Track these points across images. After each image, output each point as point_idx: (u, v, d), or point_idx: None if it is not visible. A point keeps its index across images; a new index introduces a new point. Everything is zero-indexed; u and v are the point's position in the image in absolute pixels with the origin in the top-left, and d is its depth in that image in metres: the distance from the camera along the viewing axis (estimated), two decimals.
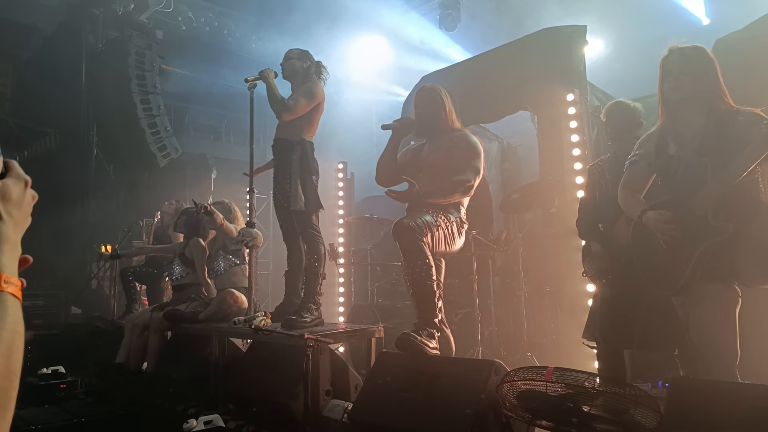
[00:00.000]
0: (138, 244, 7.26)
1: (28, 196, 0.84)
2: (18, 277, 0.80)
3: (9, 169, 0.84)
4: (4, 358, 0.70)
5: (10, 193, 0.81)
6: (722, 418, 1.79)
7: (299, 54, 3.87)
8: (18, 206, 0.82)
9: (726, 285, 2.19)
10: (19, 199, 0.82)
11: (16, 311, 0.76)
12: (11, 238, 0.79)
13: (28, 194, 0.85)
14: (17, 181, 0.83)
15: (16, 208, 0.81)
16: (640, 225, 2.41)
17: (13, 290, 0.77)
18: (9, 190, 0.81)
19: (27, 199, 0.84)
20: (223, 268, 4.41)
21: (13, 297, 0.76)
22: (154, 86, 7.93)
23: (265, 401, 3.17)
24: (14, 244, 0.80)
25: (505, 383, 2.17)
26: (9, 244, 0.79)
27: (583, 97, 4.59)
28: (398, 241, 2.90)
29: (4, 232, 0.79)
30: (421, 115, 3.33)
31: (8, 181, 0.82)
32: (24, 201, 0.83)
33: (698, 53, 2.34)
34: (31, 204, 0.85)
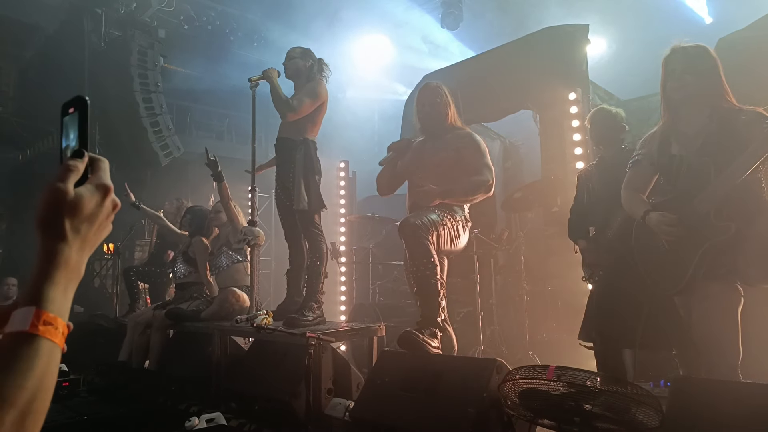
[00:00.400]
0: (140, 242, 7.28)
1: (106, 209, 0.71)
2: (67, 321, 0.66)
3: (94, 171, 0.71)
4: (14, 427, 0.57)
5: (83, 206, 0.68)
6: (724, 417, 1.79)
7: (302, 53, 3.88)
8: (90, 222, 0.68)
9: (728, 284, 2.19)
10: (93, 213, 0.69)
11: (50, 361, 0.62)
12: (71, 261, 0.66)
13: (106, 206, 0.71)
14: (95, 190, 0.70)
15: (86, 224, 0.68)
16: (642, 225, 2.40)
17: (52, 335, 0.62)
18: (82, 202, 0.67)
19: (104, 212, 0.70)
20: (226, 265, 4.42)
21: (50, 343, 0.62)
22: (156, 85, 7.94)
23: (267, 399, 3.17)
24: (74, 268, 0.67)
25: (506, 382, 2.17)
26: (66, 270, 0.66)
27: (585, 96, 4.59)
28: (404, 240, 2.90)
29: (64, 254, 0.65)
30: (423, 112, 3.33)
31: (84, 190, 0.68)
32: (99, 215, 0.70)
33: (701, 52, 2.33)
34: (111, 215, 0.72)
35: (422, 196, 3.09)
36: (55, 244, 0.66)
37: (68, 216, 0.66)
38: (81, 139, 0.73)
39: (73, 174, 0.69)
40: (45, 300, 0.63)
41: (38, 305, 0.63)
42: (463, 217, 3.19)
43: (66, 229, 0.66)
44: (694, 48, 2.34)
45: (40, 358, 0.62)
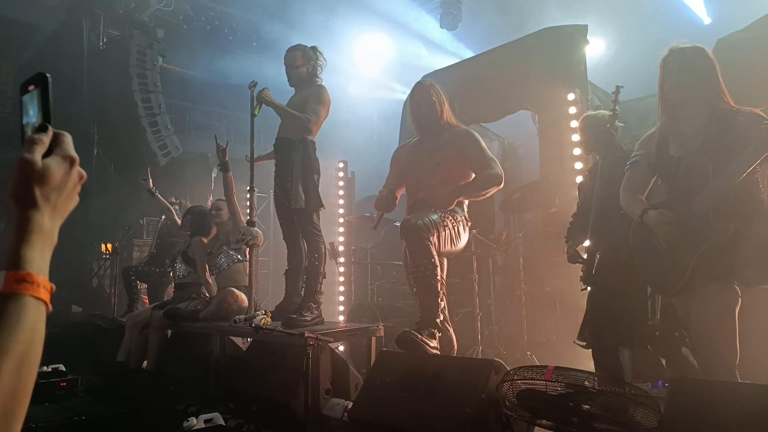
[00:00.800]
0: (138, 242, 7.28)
1: (72, 178, 0.75)
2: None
3: (58, 144, 0.75)
4: (11, 374, 0.61)
5: (51, 176, 0.71)
6: (722, 417, 1.79)
7: (303, 57, 3.84)
8: (59, 190, 0.72)
9: (726, 285, 2.19)
10: (61, 182, 0.73)
11: (37, 317, 0.67)
12: (45, 227, 0.70)
13: (73, 176, 0.75)
14: (62, 161, 0.74)
15: (56, 193, 0.72)
16: (640, 226, 2.40)
17: (35, 292, 0.67)
18: (50, 172, 0.71)
19: (71, 181, 0.75)
20: (226, 264, 4.42)
21: (35, 301, 0.67)
22: (155, 85, 7.94)
23: (265, 400, 3.17)
24: (48, 234, 0.71)
25: (505, 382, 2.17)
26: (41, 235, 0.70)
27: (584, 96, 4.59)
28: (405, 240, 2.90)
29: (37, 221, 0.69)
30: (419, 110, 3.34)
31: (51, 161, 0.72)
32: (67, 184, 0.74)
33: (699, 53, 2.34)
34: (78, 185, 0.76)
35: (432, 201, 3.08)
36: (28, 212, 0.70)
37: (38, 185, 0.70)
38: (44, 114, 0.76)
39: (38, 146, 0.72)
40: (24, 261, 0.68)
41: (18, 267, 0.67)
42: (463, 217, 3.19)
43: (37, 197, 0.70)
44: (691, 49, 2.35)
45: (28, 313, 0.66)
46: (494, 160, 3.20)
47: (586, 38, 4.84)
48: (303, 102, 3.79)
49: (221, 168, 4.46)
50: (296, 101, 3.86)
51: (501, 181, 3.14)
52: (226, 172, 4.41)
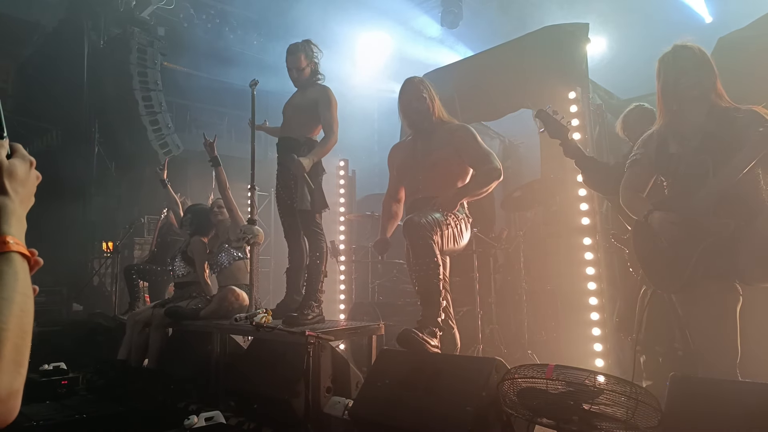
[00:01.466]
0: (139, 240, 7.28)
1: (32, 176, 0.88)
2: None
3: (14, 151, 0.88)
4: (17, 317, 0.73)
5: (17, 172, 0.85)
6: (723, 416, 1.79)
7: (306, 59, 3.80)
8: (23, 184, 0.85)
9: (726, 283, 2.19)
10: (24, 178, 0.86)
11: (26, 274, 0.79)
12: (17, 211, 0.83)
13: (32, 174, 0.88)
14: (23, 161, 0.87)
15: (21, 186, 0.85)
16: (641, 224, 2.40)
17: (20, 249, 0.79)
18: (15, 168, 0.85)
19: (31, 178, 0.88)
20: (227, 262, 4.42)
21: (22, 259, 0.79)
22: (155, 83, 7.94)
23: (266, 398, 3.17)
24: (20, 218, 0.83)
25: (505, 381, 2.17)
26: (15, 217, 0.82)
27: (585, 95, 4.58)
28: (408, 238, 2.90)
29: (11, 206, 0.82)
30: (410, 107, 3.31)
31: (15, 160, 0.86)
32: (29, 180, 0.87)
33: (703, 52, 2.35)
34: (35, 183, 0.89)
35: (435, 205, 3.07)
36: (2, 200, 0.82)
37: (7, 178, 0.83)
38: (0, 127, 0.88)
39: (2, 149, 0.86)
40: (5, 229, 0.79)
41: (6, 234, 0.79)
42: (465, 215, 3.19)
43: (8, 188, 0.83)
44: (696, 48, 2.35)
45: (18, 267, 0.78)
46: (491, 153, 3.18)
47: (587, 36, 4.83)
48: (311, 105, 3.77)
49: (211, 163, 4.48)
50: (302, 103, 3.83)
51: (500, 175, 3.12)
52: (217, 166, 4.44)
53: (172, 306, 4.29)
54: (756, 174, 2.23)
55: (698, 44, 2.40)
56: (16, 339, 0.72)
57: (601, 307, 4.02)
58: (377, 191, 7.75)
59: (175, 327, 4.36)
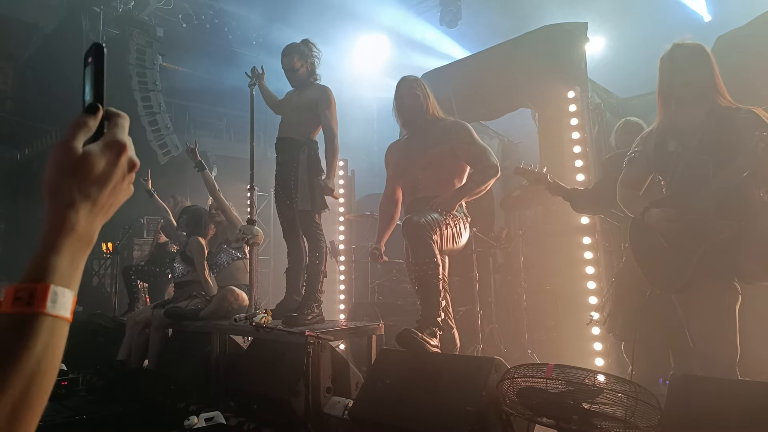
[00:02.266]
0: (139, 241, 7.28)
1: (120, 169, 0.63)
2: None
3: (111, 127, 0.63)
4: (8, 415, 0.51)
5: (92, 167, 0.60)
6: (722, 415, 1.80)
7: (300, 59, 3.79)
8: (101, 184, 0.61)
9: (726, 283, 2.19)
10: (104, 174, 0.61)
11: (53, 337, 0.55)
12: (79, 228, 0.59)
13: (120, 166, 0.63)
14: (107, 149, 0.62)
15: (96, 187, 0.60)
16: (638, 223, 2.40)
17: (59, 310, 0.55)
18: (91, 162, 0.60)
19: (118, 170, 0.62)
20: (226, 262, 4.42)
21: (53, 320, 0.55)
22: (154, 83, 7.94)
23: (266, 398, 3.17)
24: (83, 236, 0.59)
25: (505, 380, 2.17)
26: (73, 238, 0.58)
27: (584, 94, 4.58)
28: (407, 238, 2.90)
29: (70, 221, 0.58)
30: (403, 105, 3.32)
31: (93, 148, 0.61)
32: (113, 176, 0.62)
33: (703, 51, 2.35)
34: (129, 176, 0.64)
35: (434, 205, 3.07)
36: (61, 210, 0.59)
37: (75, 177, 0.59)
38: (96, 93, 0.64)
39: (81, 131, 0.61)
40: (48, 270, 0.56)
41: (38, 277, 0.56)
42: (463, 214, 3.19)
43: (73, 193, 0.59)
44: (696, 46, 2.35)
45: (44, 333, 0.55)
46: (487, 149, 3.17)
47: (586, 36, 4.83)
48: (311, 105, 3.77)
49: (197, 168, 4.52)
50: (301, 103, 3.83)
51: (498, 171, 3.12)
52: (201, 170, 4.47)
53: (172, 306, 4.29)
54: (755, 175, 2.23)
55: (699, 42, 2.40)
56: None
57: (601, 306, 4.02)
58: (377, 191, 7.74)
59: (174, 328, 4.36)
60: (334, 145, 3.70)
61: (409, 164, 3.34)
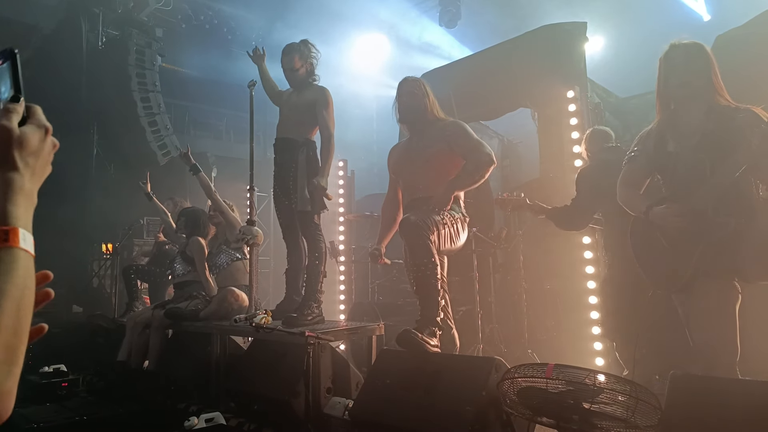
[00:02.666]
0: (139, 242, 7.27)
1: (47, 145, 0.81)
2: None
3: (31, 115, 0.80)
4: (12, 313, 0.68)
5: (28, 142, 0.77)
6: (722, 414, 1.80)
7: (300, 59, 3.80)
8: (36, 155, 0.78)
9: (726, 282, 2.19)
10: (37, 148, 0.78)
11: (28, 267, 0.73)
12: (26, 187, 0.76)
13: (47, 143, 0.81)
14: (37, 129, 0.79)
15: (33, 157, 0.78)
16: (638, 222, 2.40)
17: (27, 246, 0.73)
18: (27, 137, 0.77)
19: (46, 148, 0.81)
20: (225, 263, 4.42)
21: (25, 253, 0.72)
22: (154, 84, 7.93)
23: (266, 399, 3.17)
24: (29, 194, 0.77)
25: (505, 380, 2.17)
26: (23, 195, 0.75)
27: (583, 93, 4.59)
28: (405, 238, 2.89)
29: (18, 182, 0.75)
30: (402, 103, 3.33)
31: (27, 128, 0.78)
32: (43, 150, 0.80)
33: (700, 50, 2.34)
34: (51, 153, 0.82)
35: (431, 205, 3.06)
36: (9, 174, 0.75)
37: (17, 149, 0.76)
38: (15, 87, 0.80)
39: (14, 114, 0.77)
40: (12, 217, 0.72)
41: (6, 223, 0.72)
42: (461, 213, 3.18)
43: (17, 161, 0.75)
44: (693, 45, 2.34)
45: (20, 262, 0.71)
46: (482, 143, 3.16)
47: (585, 35, 4.84)
48: (309, 106, 3.77)
49: (191, 171, 4.56)
50: (299, 103, 3.84)
51: (492, 161, 3.09)
52: (197, 173, 4.49)
53: (172, 307, 4.29)
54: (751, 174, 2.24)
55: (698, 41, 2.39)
56: (8, 337, 0.67)
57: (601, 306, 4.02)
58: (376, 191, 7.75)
59: (174, 328, 4.36)
60: (330, 145, 3.70)
61: (407, 164, 3.34)
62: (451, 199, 3.05)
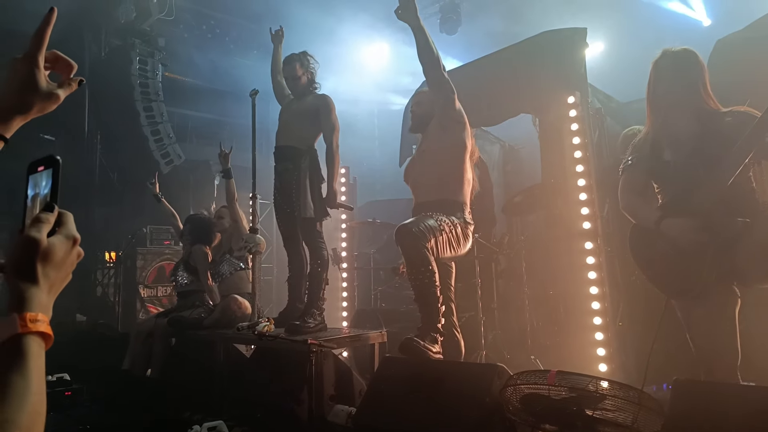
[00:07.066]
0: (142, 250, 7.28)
1: (72, 257, 0.79)
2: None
3: (61, 224, 0.79)
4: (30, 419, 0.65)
5: (54, 254, 0.76)
6: (725, 420, 1.79)
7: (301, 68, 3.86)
8: (59, 268, 0.76)
9: (726, 287, 2.19)
10: (61, 260, 0.77)
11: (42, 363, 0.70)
12: (43, 302, 0.74)
13: (73, 254, 0.79)
14: (65, 240, 0.78)
15: (55, 270, 0.76)
16: (639, 229, 2.39)
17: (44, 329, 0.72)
18: (53, 250, 0.75)
19: (71, 259, 0.79)
20: (228, 272, 4.43)
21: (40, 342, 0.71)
22: (156, 94, 7.98)
23: (269, 407, 3.17)
24: (45, 307, 0.75)
25: (508, 387, 2.17)
26: (38, 305, 0.74)
27: (584, 99, 4.58)
28: (401, 247, 2.90)
29: (36, 298, 0.73)
30: (416, 113, 3.45)
31: (55, 239, 0.77)
32: (67, 262, 0.78)
33: (689, 57, 2.34)
34: (75, 263, 0.80)
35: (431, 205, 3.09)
36: (27, 288, 0.73)
37: (41, 262, 0.74)
38: (53, 194, 0.80)
39: (45, 225, 0.77)
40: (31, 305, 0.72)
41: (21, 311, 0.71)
42: (463, 219, 3.18)
43: (38, 274, 0.74)
44: (683, 52, 2.35)
45: (35, 358, 0.70)
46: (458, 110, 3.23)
47: (585, 41, 4.84)
48: (311, 113, 3.81)
49: (224, 175, 4.52)
50: (301, 111, 3.87)
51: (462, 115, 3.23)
52: (228, 178, 4.48)
53: (175, 315, 4.30)
54: (749, 176, 2.23)
55: (692, 47, 2.40)
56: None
57: (604, 311, 4.01)
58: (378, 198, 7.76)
59: (178, 337, 4.36)
60: (335, 152, 3.72)
61: (411, 171, 3.41)
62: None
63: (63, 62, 0.98)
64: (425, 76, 3.20)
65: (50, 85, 0.92)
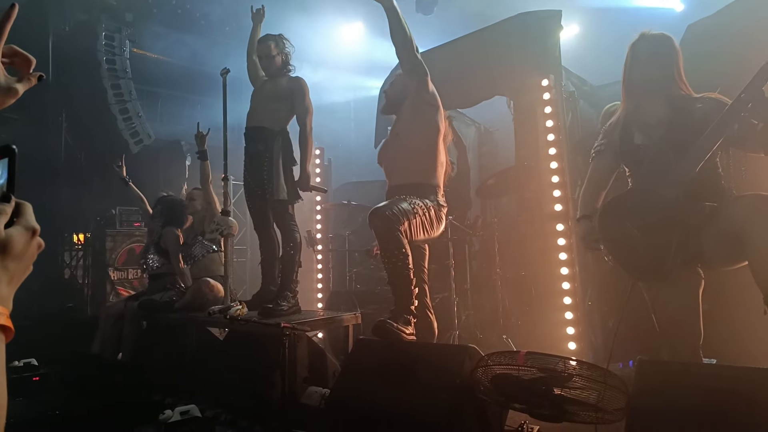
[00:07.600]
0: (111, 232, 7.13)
1: (32, 248, 0.77)
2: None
3: (20, 214, 0.77)
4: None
5: (13, 246, 0.74)
6: (688, 398, 1.85)
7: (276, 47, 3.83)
8: (18, 259, 0.74)
9: (691, 268, 2.24)
10: (21, 252, 0.75)
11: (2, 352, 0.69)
12: (3, 295, 0.73)
13: (33, 245, 0.77)
14: (24, 231, 0.76)
15: (15, 262, 0.74)
16: (607, 211, 2.43)
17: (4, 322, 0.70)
18: (12, 241, 0.74)
19: (31, 250, 0.77)
20: (200, 255, 4.37)
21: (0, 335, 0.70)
22: (124, 71, 7.74)
23: (242, 390, 3.17)
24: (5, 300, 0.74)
25: (479, 368, 2.20)
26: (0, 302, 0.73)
27: (558, 82, 4.60)
28: (374, 230, 2.90)
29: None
30: (389, 95, 3.44)
31: (14, 231, 0.75)
32: (26, 253, 0.76)
33: (665, 41, 2.36)
34: (35, 254, 0.78)
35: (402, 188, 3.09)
36: None
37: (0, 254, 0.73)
38: (10, 184, 0.78)
39: (2, 216, 0.75)
40: None
41: None
42: (436, 202, 3.17)
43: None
44: (660, 37, 2.37)
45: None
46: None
47: (560, 23, 4.84)
48: (285, 95, 3.77)
49: (199, 156, 4.44)
50: (275, 91, 3.81)
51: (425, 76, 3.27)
52: (204, 160, 4.40)
53: (146, 299, 4.24)
54: (716, 162, 2.28)
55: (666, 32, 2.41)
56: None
57: (574, 292, 4.09)
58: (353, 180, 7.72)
59: (149, 320, 4.30)
60: (309, 134, 3.69)
61: (384, 153, 3.39)
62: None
63: (22, 57, 0.97)
64: (398, 58, 3.16)
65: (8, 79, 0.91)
